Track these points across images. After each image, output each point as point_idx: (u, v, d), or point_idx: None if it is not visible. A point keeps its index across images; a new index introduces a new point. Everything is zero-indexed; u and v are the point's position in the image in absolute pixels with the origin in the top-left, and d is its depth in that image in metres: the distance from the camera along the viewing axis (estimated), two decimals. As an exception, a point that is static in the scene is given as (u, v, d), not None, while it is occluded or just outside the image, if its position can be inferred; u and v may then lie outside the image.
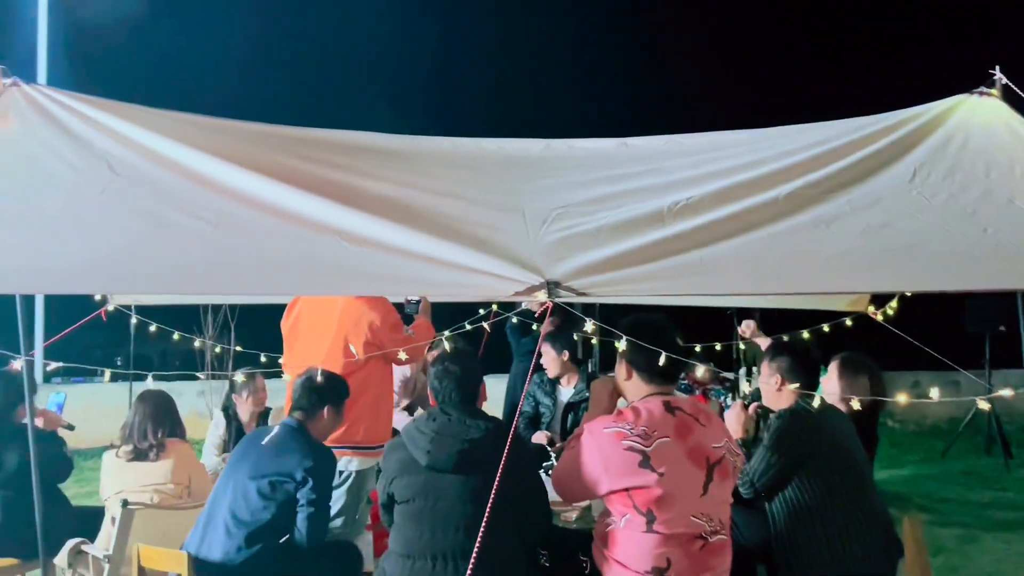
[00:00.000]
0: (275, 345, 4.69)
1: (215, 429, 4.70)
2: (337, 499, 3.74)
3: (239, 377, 4.70)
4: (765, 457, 3.16)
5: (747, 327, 5.49)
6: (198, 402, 8.39)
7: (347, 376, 3.74)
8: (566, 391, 5.01)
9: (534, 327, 5.19)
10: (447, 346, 3.33)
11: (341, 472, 3.77)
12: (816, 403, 3.20)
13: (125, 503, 3.29)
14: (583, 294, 2.46)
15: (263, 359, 4.59)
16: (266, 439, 3.27)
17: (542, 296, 2.39)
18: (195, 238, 2.64)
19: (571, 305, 2.65)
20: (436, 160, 3.48)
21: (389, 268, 2.59)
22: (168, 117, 3.35)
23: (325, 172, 3.11)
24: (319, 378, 3.42)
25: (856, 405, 3.32)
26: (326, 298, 4.04)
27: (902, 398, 3.00)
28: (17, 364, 3.35)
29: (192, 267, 2.60)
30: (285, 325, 4.18)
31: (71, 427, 4.15)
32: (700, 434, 2.70)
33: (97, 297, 4.57)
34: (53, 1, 9.76)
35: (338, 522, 3.78)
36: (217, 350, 5.86)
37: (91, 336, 4.88)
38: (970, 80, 3.72)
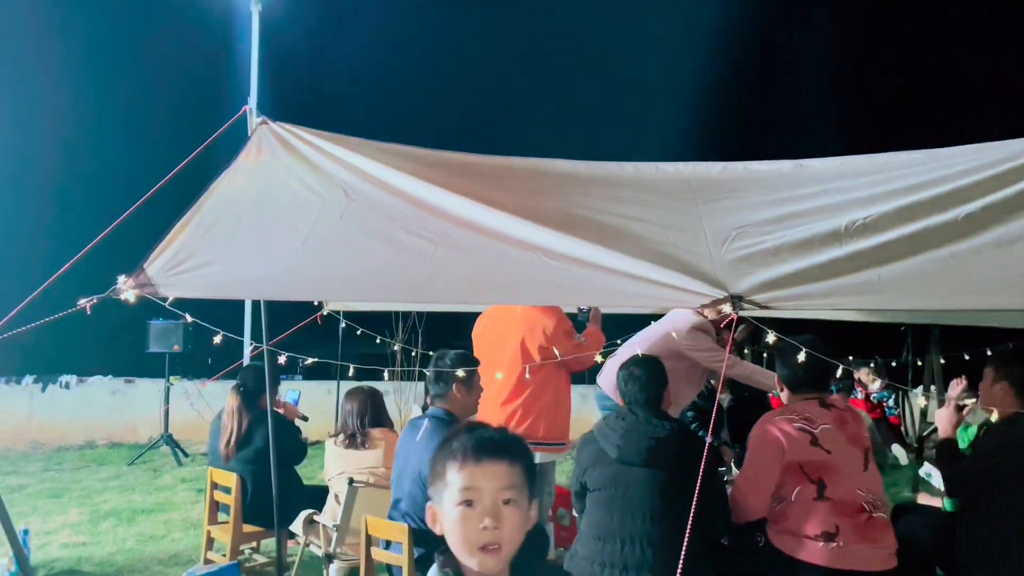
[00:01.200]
0: (456, 347, 5.20)
1: (412, 424, 5.23)
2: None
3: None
4: (981, 461, 3.29)
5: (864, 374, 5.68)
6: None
7: (526, 378, 4.15)
8: (723, 397, 5.24)
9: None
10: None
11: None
12: None
13: (351, 481, 3.82)
14: (766, 307, 2.68)
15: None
16: (419, 435, 3.53)
17: (727, 308, 2.64)
18: (421, 255, 3.09)
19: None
20: (620, 184, 3.79)
21: (584, 281, 2.92)
22: (385, 149, 3.86)
23: (521, 198, 3.50)
24: (445, 360, 3.66)
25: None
26: (508, 307, 4.45)
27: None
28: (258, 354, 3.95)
29: (421, 280, 3.05)
30: (476, 332, 4.61)
31: (305, 418, 4.81)
32: (854, 425, 3.18)
33: (315, 303, 5.23)
34: (264, 36, 10.82)
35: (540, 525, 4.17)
36: (412, 353, 6.43)
37: (302, 338, 5.51)
38: None
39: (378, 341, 5.45)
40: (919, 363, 5.51)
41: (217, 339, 3.44)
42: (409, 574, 3.27)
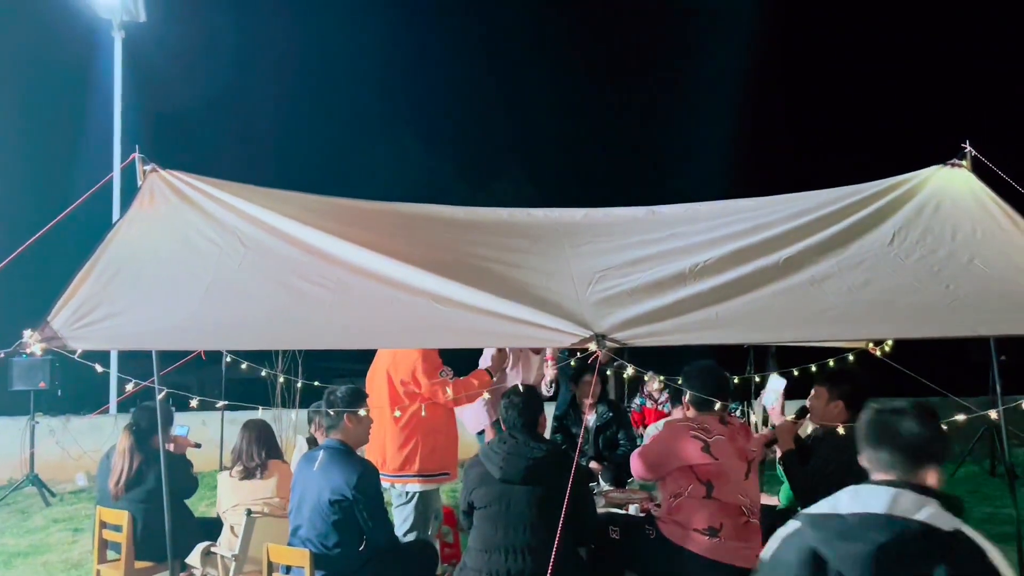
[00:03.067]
0: (336, 381, 5.48)
1: (298, 453, 5.42)
2: (407, 516, 4.45)
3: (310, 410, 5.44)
4: (821, 467, 3.82)
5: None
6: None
7: (404, 413, 4.44)
8: (591, 417, 5.73)
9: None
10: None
11: (408, 493, 4.48)
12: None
13: (249, 512, 4.02)
14: (624, 344, 3.15)
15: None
16: (315, 466, 3.76)
17: (592, 347, 3.08)
18: (318, 302, 3.37)
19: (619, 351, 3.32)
20: (498, 230, 4.21)
21: (469, 323, 3.29)
22: (276, 196, 4.11)
23: (410, 245, 3.83)
24: (336, 394, 3.88)
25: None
26: (386, 349, 4.70)
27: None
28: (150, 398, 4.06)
29: (319, 326, 3.33)
30: (369, 371, 4.84)
31: (198, 445, 4.93)
32: (742, 440, 3.69)
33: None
34: (129, 61, 10.61)
35: (411, 536, 4.47)
36: (281, 380, 6.57)
37: (183, 376, 5.57)
38: (944, 151, 4.43)
39: (263, 374, 5.60)
40: (758, 379, 6.22)
41: (129, 387, 3.57)
42: (312, 597, 3.54)
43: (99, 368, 3.30)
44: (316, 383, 5.61)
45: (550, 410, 5.56)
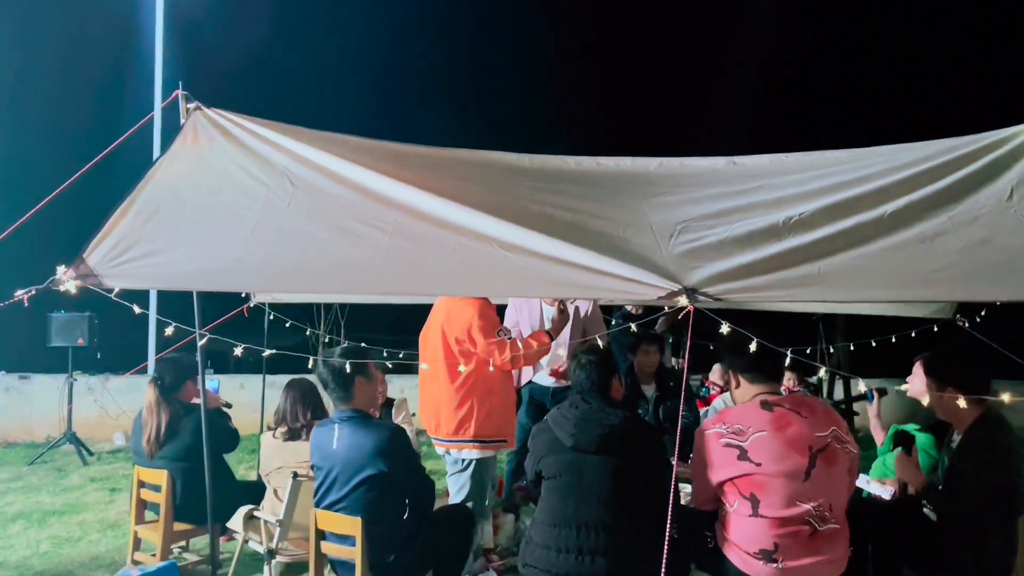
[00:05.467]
0: (381, 340, 5.19)
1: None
2: (463, 485, 4.14)
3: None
4: (970, 484, 3.28)
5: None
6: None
7: (457, 374, 4.12)
8: (648, 389, 5.39)
9: (632, 328, 5.55)
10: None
11: (463, 460, 4.16)
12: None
13: (295, 475, 3.76)
14: (719, 299, 2.80)
15: (385, 355, 5.00)
16: (334, 441, 3.45)
17: (683, 301, 2.73)
18: (375, 245, 3.07)
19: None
20: (565, 178, 3.86)
21: (540, 272, 2.96)
22: (326, 137, 3.79)
23: (472, 189, 3.51)
24: (336, 356, 3.54)
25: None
26: (441, 302, 4.38)
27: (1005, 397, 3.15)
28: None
29: (376, 271, 3.03)
30: (423, 331, 4.51)
31: (229, 405, 4.67)
32: (800, 425, 2.98)
33: (243, 294, 5.09)
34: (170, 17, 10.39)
35: (456, 503, 4.17)
36: (325, 340, 6.31)
37: (227, 331, 5.32)
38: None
39: (308, 333, 5.34)
40: (831, 350, 5.83)
41: (168, 330, 3.31)
42: (362, 568, 3.26)
43: (137, 309, 3.03)
44: (363, 344, 5.35)
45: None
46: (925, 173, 3.59)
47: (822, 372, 3.16)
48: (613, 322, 5.64)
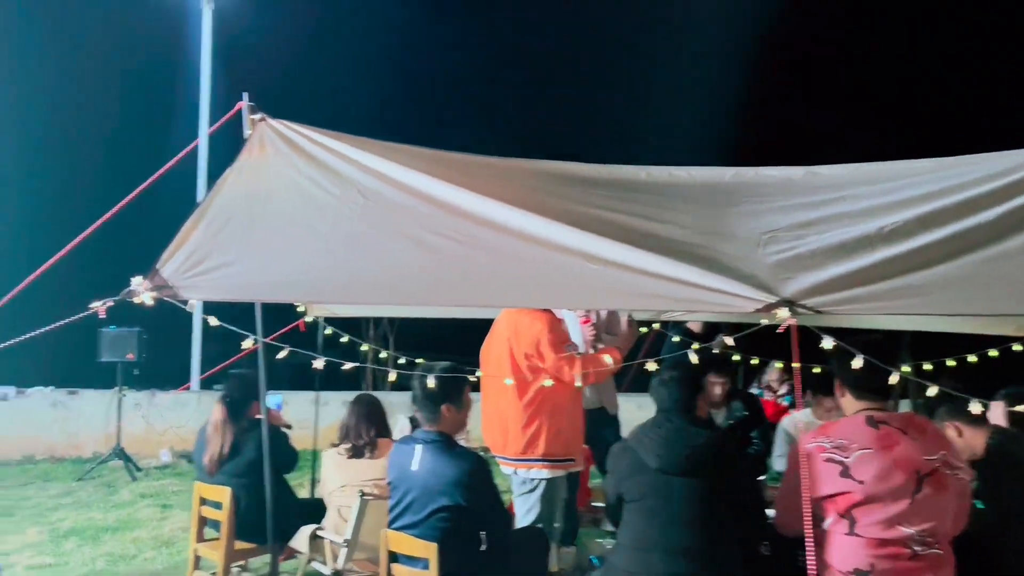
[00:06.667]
0: (431, 357, 5.09)
1: (399, 435, 5.05)
2: (531, 507, 4.00)
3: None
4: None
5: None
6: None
7: (526, 391, 3.98)
8: (718, 414, 5.18)
9: (694, 346, 5.38)
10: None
11: (532, 480, 4.02)
12: None
13: (363, 494, 3.65)
14: (820, 312, 2.65)
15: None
16: (414, 462, 3.33)
17: (783, 314, 2.58)
18: (452, 257, 2.97)
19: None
20: (640, 188, 3.74)
21: (630, 285, 2.84)
22: (393, 148, 3.72)
23: (548, 200, 3.39)
24: (430, 382, 3.40)
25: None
26: (506, 316, 4.25)
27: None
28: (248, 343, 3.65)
29: (453, 282, 2.93)
30: (483, 348, 4.39)
31: (289, 427, 4.58)
32: (908, 446, 2.82)
33: (300, 308, 5.01)
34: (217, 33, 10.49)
35: (527, 525, 4.02)
36: (384, 355, 6.18)
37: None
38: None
39: (363, 347, 5.24)
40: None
41: (247, 343, 3.24)
42: (435, 592, 3.13)
43: (214, 321, 2.96)
44: (420, 360, 5.24)
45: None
46: (1019, 183, 3.43)
47: (933, 390, 2.97)
48: (672, 339, 5.44)
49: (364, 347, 5.22)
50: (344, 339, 5.13)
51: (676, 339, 5.40)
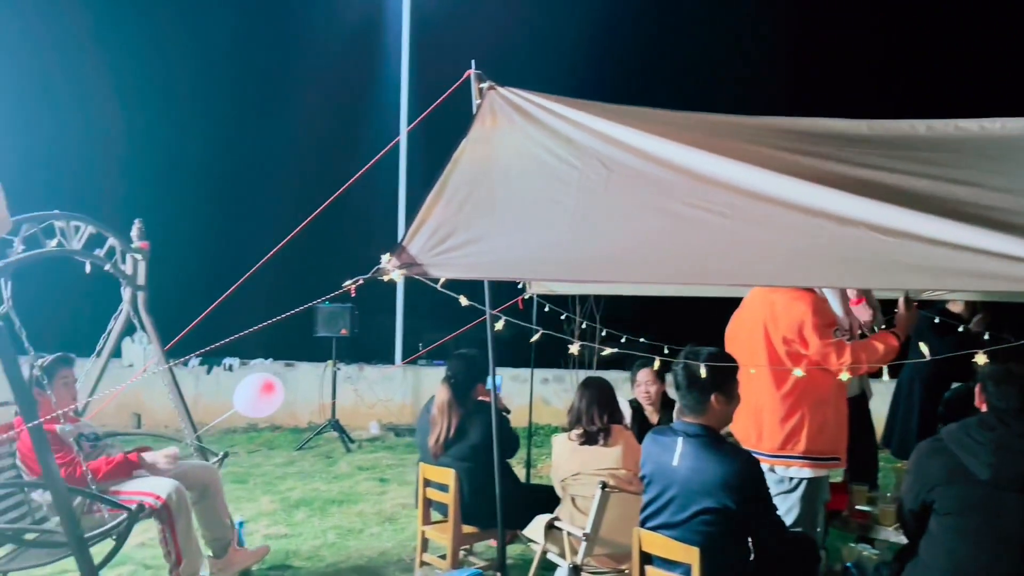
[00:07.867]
0: (638, 335, 4.83)
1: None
2: (791, 507, 3.59)
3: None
4: None
5: None
6: (543, 388, 8.81)
7: (784, 379, 3.56)
8: None
9: (960, 329, 4.73)
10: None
11: (791, 479, 3.61)
12: None
13: (604, 485, 3.43)
14: None
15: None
16: (676, 457, 3.01)
17: None
18: (716, 230, 2.64)
19: None
20: (917, 145, 3.24)
21: (935, 260, 2.39)
22: (625, 112, 3.43)
23: (811, 163, 2.97)
24: (698, 369, 3.00)
25: None
26: (759, 295, 3.85)
27: None
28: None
29: (723, 257, 2.62)
30: (728, 330, 4.01)
31: (507, 411, 4.45)
32: None
33: (519, 285, 4.87)
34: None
35: (797, 531, 3.61)
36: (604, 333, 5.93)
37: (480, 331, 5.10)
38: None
39: (584, 326, 5.04)
40: None
41: (499, 325, 3.13)
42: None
43: (464, 300, 2.84)
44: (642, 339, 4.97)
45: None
46: None
47: None
48: (936, 320, 4.78)
49: (581, 324, 4.99)
50: (563, 316, 4.93)
51: (936, 321, 4.76)
